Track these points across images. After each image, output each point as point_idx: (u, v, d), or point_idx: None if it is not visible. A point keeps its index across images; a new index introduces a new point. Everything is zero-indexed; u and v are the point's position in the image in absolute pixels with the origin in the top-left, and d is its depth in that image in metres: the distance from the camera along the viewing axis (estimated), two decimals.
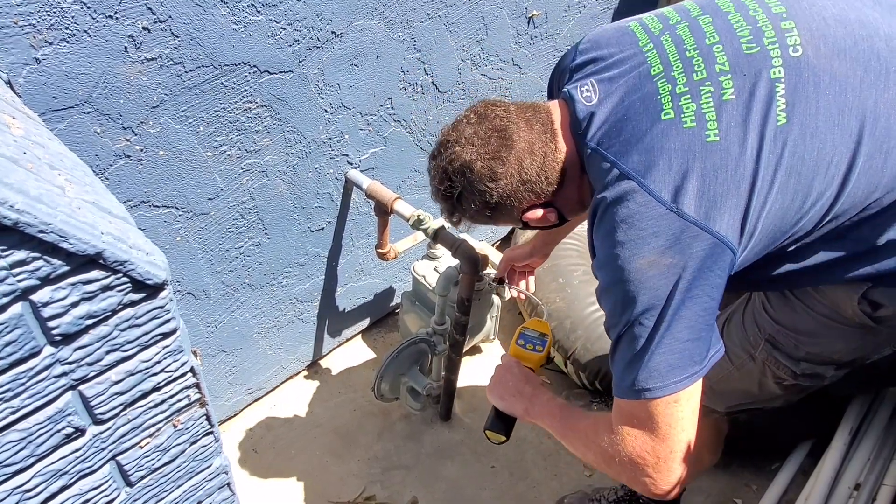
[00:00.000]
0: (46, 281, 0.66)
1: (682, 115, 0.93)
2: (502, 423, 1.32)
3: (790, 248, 1.01)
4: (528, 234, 2.36)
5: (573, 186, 1.10)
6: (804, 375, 1.25)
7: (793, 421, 1.94)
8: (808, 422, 1.96)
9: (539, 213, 1.11)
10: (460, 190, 1.08)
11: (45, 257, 0.64)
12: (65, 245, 0.64)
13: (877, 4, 1.00)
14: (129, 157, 1.32)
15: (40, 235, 0.62)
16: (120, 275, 0.71)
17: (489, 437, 1.34)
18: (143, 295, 0.75)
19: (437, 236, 1.69)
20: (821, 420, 1.96)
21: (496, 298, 2.07)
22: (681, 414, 0.96)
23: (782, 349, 1.24)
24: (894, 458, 1.82)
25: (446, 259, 1.97)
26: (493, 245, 2.60)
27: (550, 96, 1.24)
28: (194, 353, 1.69)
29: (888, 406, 2.00)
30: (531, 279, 1.75)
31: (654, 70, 0.97)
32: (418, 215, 1.69)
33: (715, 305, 0.94)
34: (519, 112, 1.07)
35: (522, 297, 1.78)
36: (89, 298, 0.70)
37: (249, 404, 2.13)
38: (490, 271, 1.78)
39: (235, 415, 2.10)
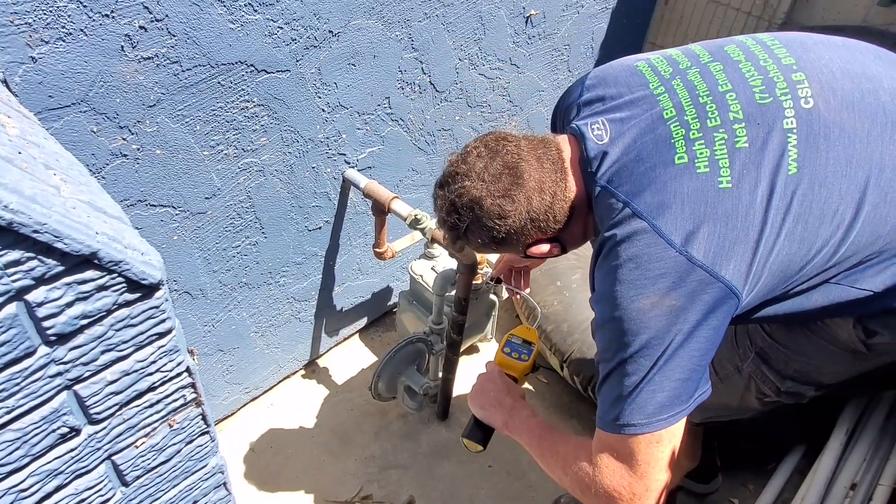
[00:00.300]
0: (41, 281, 0.66)
1: (696, 161, 0.94)
2: (481, 432, 1.31)
3: (791, 292, 1.02)
4: None
5: (579, 223, 1.11)
6: (787, 393, 1.25)
7: (789, 421, 1.95)
8: (804, 422, 1.96)
9: (544, 248, 1.12)
10: (468, 224, 1.07)
11: (39, 257, 0.64)
12: (59, 245, 0.64)
13: (878, 58, 1.03)
14: (125, 156, 1.32)
15: (35, 235, 0.62)
16: (115, 275, 0.71)
17: (466, 446, 1.33)
18: (139, 295, 0.75)
19: (434, 236, 1.69)
20: (817, 421, 1.96)
21: (494, 298, 2.07)
22: (661, 454, 0.97)
23: (772, 364, 1.24)
24: (890, 458, 1.82)
25: (444, 258, 1.97)
26: None
27: (554, 128, 1.25)
28: (191, 352, 1.69)
29: (884, 407, 2.01)
30: (528, 279, 1.76)
31: (667, 114, 0.98)
32: (415, 215, 1.69)
33: (712, 348, 0.95)
34: (530, 148, 1.06)
35: (518, 297, 1.78)
36: (84, 298, 0.70)
37: (246, 403, 2.13)
38: (488, 270, 1.78)
39: (232, 414, 2.10)
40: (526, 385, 2.22)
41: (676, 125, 0.97)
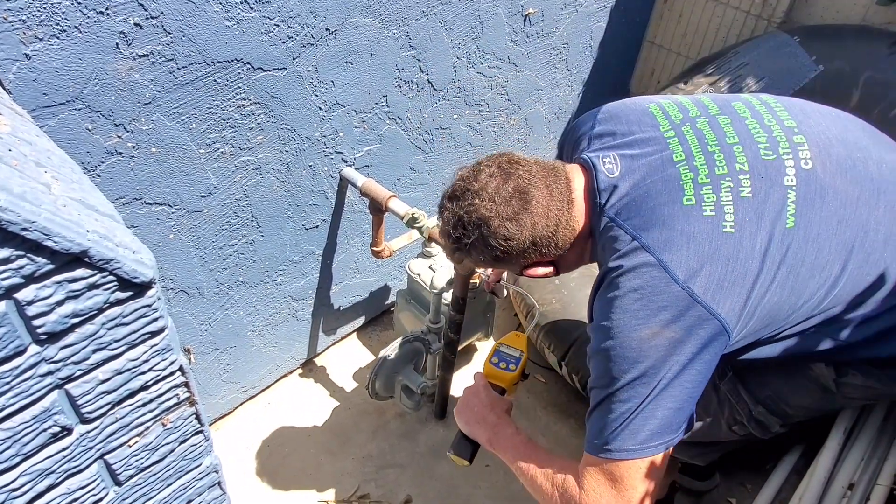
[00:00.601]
0: (31, 279, 0.65)
1: (703, 204, 1.00)
2: (468, 446, 1.30)
3: (776, 336, 1.09)
4: None
5: (578, 250, 1.15)
6: (755, 421, 1.30)
7: None
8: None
9: (541, 270, 1.15)
10: (472, 241, 1.09)
11: (29, 255, 0.63)
12: (49, 243, 0.63)
13: (865, 131, 1.15)
14: (120, 154, 1.31)
15: (24, 233, 0.61)
16: (106, 273, 0.70)
17: (453, 460, 1.33)
18: (130, 293, 0.75)
19: (432, 235, 1.69)
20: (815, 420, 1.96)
21: (492, 297, 2.07)
22: (647, 479, 1.00)
23: (747, 384, 1.29)
24: (888, 458, 1.82)
25: (441, 257, 1.97)
26: None
27: (561, 154, 1.29)
28: (187, 350, 1.68)
29: (882, 407, 2.00)
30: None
31: (677, 157, 1.04)
32: (413, 213, 1.69)
33: (703, 381, 1.00)
34: (540, 174, 1.09)
35: (514, 293, 1.78)
36: (75, 297, 0.70)
37: (243, 402, 2.12)
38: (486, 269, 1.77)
39: (229, 413, 2.09)
40: (524, 384, 2.22)
41: (686, 168, 1.03)
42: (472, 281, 1.69)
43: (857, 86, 1.95)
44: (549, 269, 1.16)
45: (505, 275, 1.80)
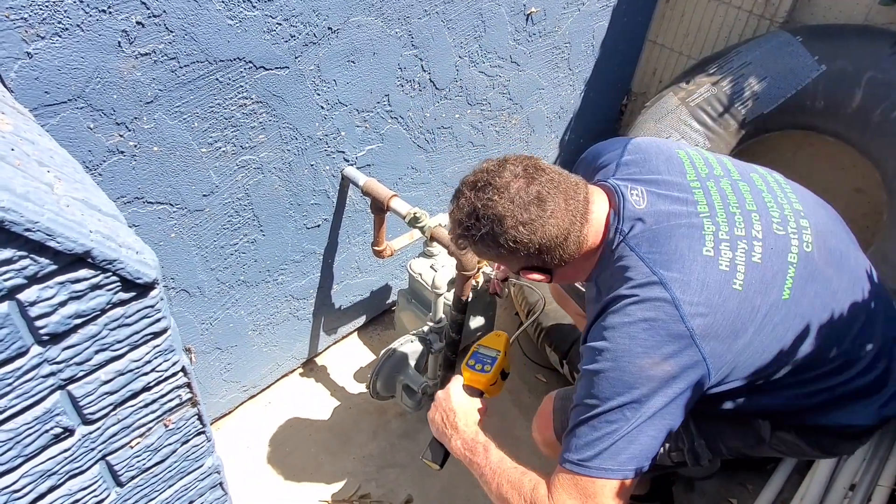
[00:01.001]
0: (33, 280, 0.65)
1: (720, 258, 1.07)
2: (439, 451, 1.30)
3: (738, 393, 1.17)
4: None
5: (579, 266, 1.17)
6: (692, 452, 1.37)
7: None
8: None
9: (537, 276, 1.18)
10: (482, 233, 1.11)
11: (31, 256, 0.63)
12: (52, 244, 0.63)
13: (844, 225, 1.26)
14: (122, 153, 1.31)
15: (27, 234, 0.61)
16: (109, 274, 0.70)
17: (427, 464, 1.33)
18: (133, 294, 0.74)
19: (433, 234, 1.68)
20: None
21: (493, 296, 2.07)
22: (618, 500, 1.05)
23: (697, 419, 1.35)
24: (889, 459, 1.82)
25: (443, 256, 1.96)
26: None
27: (576, 169, 1.34)
28: (188, 350, 1.67)
29: None
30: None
31: (701, 208, 1.11)
32: (414, 213, 1.69)
33: (680, 417, 1.07)
34: (562, 186, 1.11)
35: (516, 290, 1.77)
36: (77, 297, 0.69)
37: (244, 402, 2.12)
38: (487, 269, 1.77)
39: (230, 412, 2.09)
40: (526, 385, 2.22)
41: (708, 221, 1.10)
42: (473, 281, 1.68)
43: (859, 86, 1.95)
44: (544, 277, 1.18)
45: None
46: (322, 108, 1.62)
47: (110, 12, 1.14)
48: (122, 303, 0.74)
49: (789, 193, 1.20)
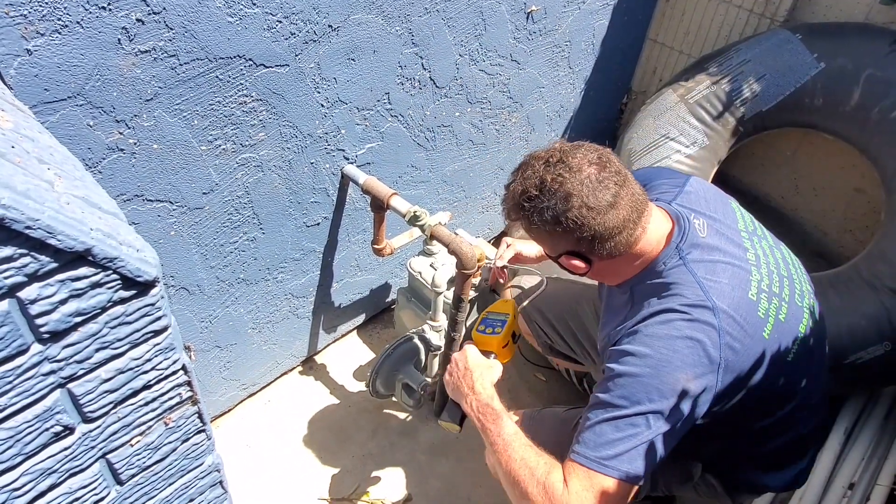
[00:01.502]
0: (34, 278, 0.64)
1: (759, 305, 1.15)
2: (456, 411, 1.32)
3: (704, 433, 1.22)
4: (523, 231, 2.35)
5: (619, 266, 1.20)
6: None
7: None
8: None
9: (579, 263, 1.18)
10: (543, 206, 1.11)
11: (32, 254, 0.63)
12: (52, 241, 0.63)
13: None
14: (122, 150, 1.30)
15: (27, 232, 0.61)
16: (109, 272, 0.70)
17: (444, 427, 1.34)
18: (134, 292, 0.74)
19: (433, 233, 1.68)
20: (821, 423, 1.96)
21: (492, 294, 2.06)
22: (626, 501, 1.09)
23: None
24: (888, 458, 1.82)
25: (443, 255, 1.96)
26: (488, 241, 2.60)
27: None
28: (188, 348, 1.67)
29: (883, 406, 2.00)
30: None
31: (749, 256, 1.20)
32: (414, 211, 1.68)
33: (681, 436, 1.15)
34: (628, 183, 1.13)
35: (520, 273, 1.77)
36: (78, 296, 0.69)
37: (243, 400, 2.12)
38: (487, 263, 1.75)
39: (229, 410, 2.09)
40: (528, 384, 2.22)
41: (755, 271, 1.18)
42: (473, 280, 1.68)
43: (857, 84, 1.95)
44: (584, 267, 1.18)
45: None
46: (322, 105, 1.62)
47: (110, 9, 1.13)
48: (123, 301, 0.74)
49: (803, 275, 1.31)
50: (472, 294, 1.76)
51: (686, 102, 2.19)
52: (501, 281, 1.79)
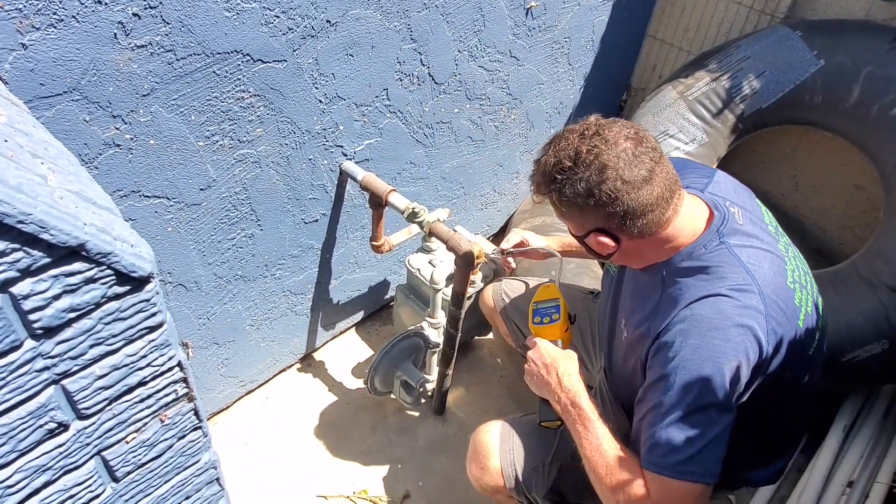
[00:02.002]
0: (27, 273, 0.64)
1: (795, 294, 1.16)
2: (549, 410, 1.28)
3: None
4: (522, 228, 2.35)
5: (646, 246, 1.16)
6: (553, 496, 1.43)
7: None
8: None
9: (608, 241, 1.15)
10: (576, 177, 1.08)
11: (24, 248, 0.62)
12: (45, 236, 0.62)
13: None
14: (118, 146, 1.30)
15: (20, 226, 0.60)
16: (103, 267, 0.69)
17: (546, 426, 1.31)
18: (128, 288, 0.73)
19: (432, 229, 1.68)
20: (816, 417, 1.96)
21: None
22: (708, 497, 1.09)
23: (564, 479, 1.40)
24: (887, 456, 1.82)
25: (441, 252, 1.95)
26: (487, 238, 2.59)
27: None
28: (185, 345, 1.66)
29: (882, 404, 2.00)
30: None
31: (781, 247, 1.20)
32: (413, 208, 1.68)
33: None
34: (663, 161, 1.11)
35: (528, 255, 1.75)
36: (72, 291, 0.68)
37: (241, 397, 2.11)
38: (490, 253, 1.74)
39: (227, 407, 2.08)
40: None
41: (788, 261, 1.19)
42: (471, 277, 1.68)
43: (857, 81, 1.94)
44: (613, 246, 1.15)
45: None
46: (320, 101, 1.61)
47: (106, 3, 1.12)
48: (117, 297, 0.73)
49: (813, 282, 1.31)
50: (470, 291, 1.76)
51: (685, 99, 2.18)
52: (509, 271, 1.78)
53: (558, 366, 1.26)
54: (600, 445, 1.15)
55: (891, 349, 1.77)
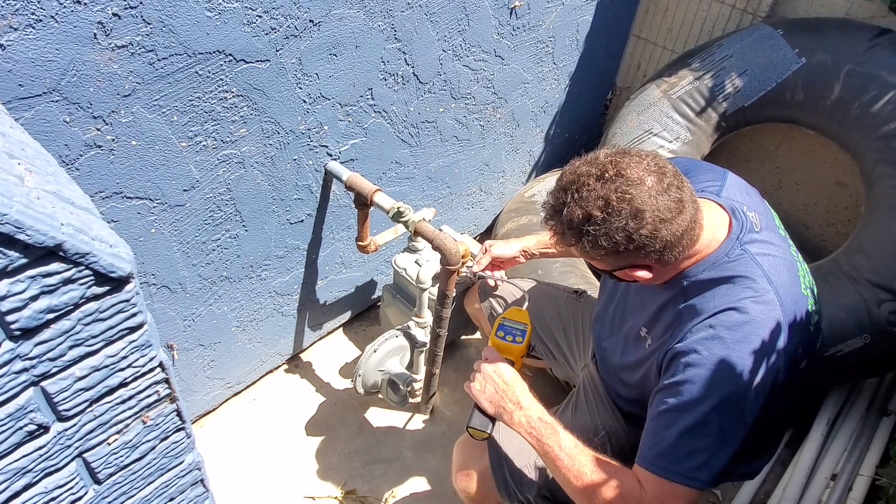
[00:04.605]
0: (3, 274, 0.63)
1: (808, 301, 1.18)
2: (487, 420, 1.29)
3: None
4: (508, 227, 2.35)
5: (674, 267, 1.15)
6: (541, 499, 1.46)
7: None
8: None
9: (644, 275, 1.12)
10: (613, 227, 1.03)
11: (1, 249, 0.62)
12: (21, 236, 0.62)
13: None
14: (100, 147, 1.29)
15: None
16: (82, 267, 0.69)
17: (472, 435, 1.31)
18: (108, 288, 0.73)
19: (417, 229, 1.68)
20: (800, 411, 1.98)
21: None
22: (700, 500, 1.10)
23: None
24: (870, 449, 1.84)
25: (427, 252, 1.96)
26: (474, 237, 2.59)
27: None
28: (170, 346, 1.66)
29: (865, 397, 2.02)
30: (502, 272, 1.77)
31: (792, 251, 1.22)
32: (398, 207, 1.68)
33: None
34: (685, 184, 1.08)
35: (499, 283, 1.77)
36: (50, 292, 0.68)
37: (228, 398, 2.10)
38: (471, 263, 1.77)
39: (214, 409, 2.07)
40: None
41: (800, 265, 1.20)
42: (458, 275, 1.68)
43: (838, 78, 1.96)
44: (649, 276, 1.13)
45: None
46: (304, 101, 1.61)
47: (85, 3, 1.12)
48: (96, 297, 0.73)
49: (814, 282, 1.31)
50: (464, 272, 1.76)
51: (669, 98, 2.20)
52: (492, 283, 1.78)
53: (517, 386, 1.27)
54: (577, 455, 1.16)
55: (872, 343, 1.79)
